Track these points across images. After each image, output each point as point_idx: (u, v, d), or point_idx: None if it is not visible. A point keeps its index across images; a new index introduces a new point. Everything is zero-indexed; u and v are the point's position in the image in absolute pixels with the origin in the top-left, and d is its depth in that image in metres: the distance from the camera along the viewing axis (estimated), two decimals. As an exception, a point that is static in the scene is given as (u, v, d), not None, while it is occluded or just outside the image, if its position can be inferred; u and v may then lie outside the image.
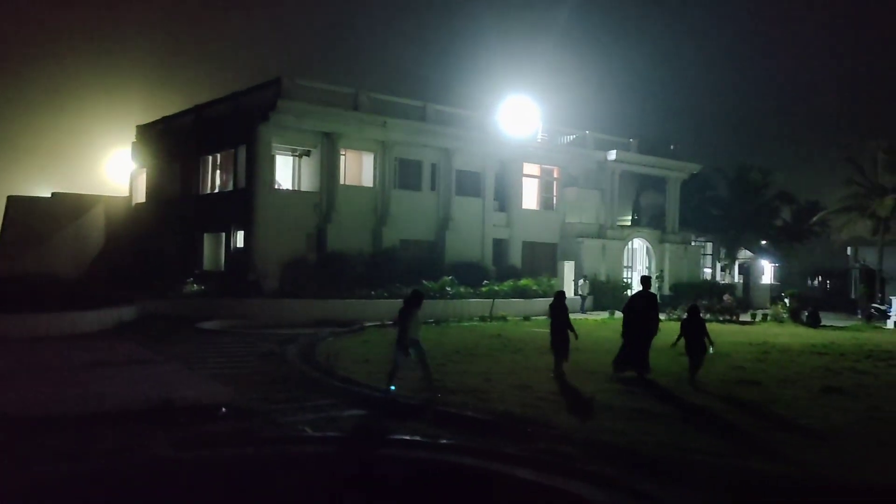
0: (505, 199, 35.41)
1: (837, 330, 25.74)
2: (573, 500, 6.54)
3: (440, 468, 7.54)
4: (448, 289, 28.32)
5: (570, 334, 13.04)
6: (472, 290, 28.81)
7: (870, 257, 40.09)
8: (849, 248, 45.02)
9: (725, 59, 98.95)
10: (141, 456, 7.17)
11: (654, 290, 15.32)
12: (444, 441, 8.39)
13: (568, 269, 33.87)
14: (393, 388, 10.76)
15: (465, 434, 8.85)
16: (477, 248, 33.64)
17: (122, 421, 8.85)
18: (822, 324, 27.21)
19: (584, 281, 33.19)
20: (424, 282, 28.13)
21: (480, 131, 33.80)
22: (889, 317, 29.21)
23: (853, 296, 41.89)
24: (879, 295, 35.34)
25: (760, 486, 6.77)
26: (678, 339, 12.79)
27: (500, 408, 9.86)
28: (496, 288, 29.65)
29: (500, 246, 34.95)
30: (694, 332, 12.63)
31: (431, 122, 32.37)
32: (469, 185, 34.12)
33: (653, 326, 13.00)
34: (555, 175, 37.69)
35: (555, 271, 34.33)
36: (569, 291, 33.53)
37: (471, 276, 30.39)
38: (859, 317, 32.34)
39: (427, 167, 32.94)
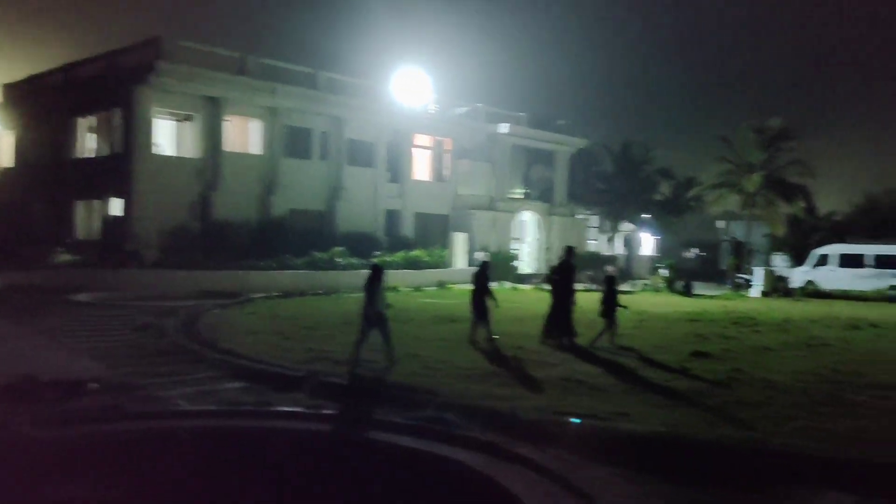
0: (398, 169, 35.26)
1: (709, 298, 27.35)
2: (453, 466, 6.65)
3: (319, 439, 7.48)
4: (339, 259, 28.06)
5: (491, 301, 13.63)
6: (363, 262, 28.62)
7: (739, 230, 42.74)
8: (720, 222, 47.71)
9: (616, 39, 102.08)
10: (-4, 435, 6.70)
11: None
12: (326, 411, 8.31)
13: (460, 240, 34.28)
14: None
15: (350, 404, 8.80)
16: (369, 219, 33.41)
17: (-22, 399, 8.23)
18: (695, 293, 28.86)
19: (485, 254, 33.69)
20: (315, 252, 27.75)
21: (373, 101, 33.40)
22: (752, 286, 31.34)
23: (723, 266, 44.58)
24: (747, 266, 37.79)
25: (627, 445, 7.11)
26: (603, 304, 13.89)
27: (388, 377, 9.87)
28: (388, 259, 29.58)
29: (392, 217, 34.86)
30: (608, 298, 13.85)
31: (323, 89, 31.69)
32: (362, 154, 33.71)
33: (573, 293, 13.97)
34: (447, 147, 37.82)
35: (446, 243, 34.64)
36: (461, 263, 33.93)
37: (363, 246, 30.18)
38: (728, 286, 34.49)
39: (318, 135, 32.26)
